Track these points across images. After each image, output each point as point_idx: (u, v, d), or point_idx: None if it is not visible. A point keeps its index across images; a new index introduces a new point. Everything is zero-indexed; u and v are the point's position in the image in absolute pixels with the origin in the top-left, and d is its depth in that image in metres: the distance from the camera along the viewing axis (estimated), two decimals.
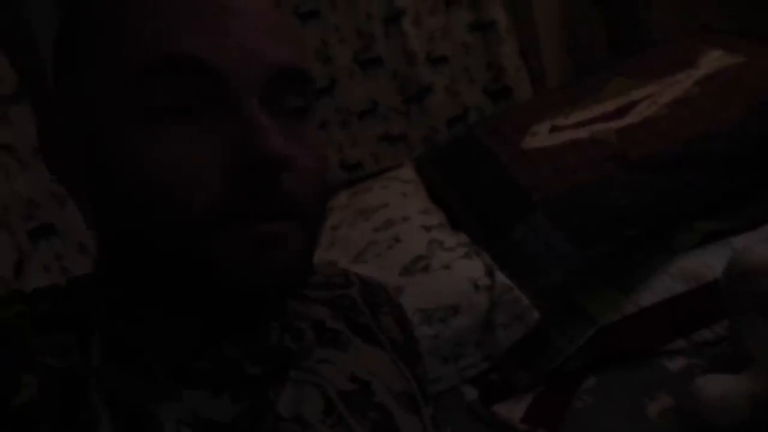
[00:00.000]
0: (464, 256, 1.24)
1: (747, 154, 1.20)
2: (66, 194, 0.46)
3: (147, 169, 0.37)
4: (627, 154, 1.24)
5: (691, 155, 1.21)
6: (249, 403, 0.42)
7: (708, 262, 1.14)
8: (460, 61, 1.85)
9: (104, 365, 0.40)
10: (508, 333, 1.16)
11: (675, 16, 1.74)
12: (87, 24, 0.40)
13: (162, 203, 0.37)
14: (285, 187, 0.39)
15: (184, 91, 0.38)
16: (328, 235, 1.40)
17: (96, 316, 0.42)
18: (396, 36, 1.79)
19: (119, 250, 0.42)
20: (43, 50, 1.29)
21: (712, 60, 1.39)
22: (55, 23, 0.44)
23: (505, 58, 1.84)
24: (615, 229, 1.17)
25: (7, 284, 1.34)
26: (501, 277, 1.19)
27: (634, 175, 1.21)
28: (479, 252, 1.26)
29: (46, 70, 0.46)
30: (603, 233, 1.17)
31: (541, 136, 1.40)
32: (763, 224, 1.17)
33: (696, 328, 1.10)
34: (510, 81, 1.86)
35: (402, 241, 1.30)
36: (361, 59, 1.79)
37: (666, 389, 1.01)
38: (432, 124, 1.84)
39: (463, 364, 1.18)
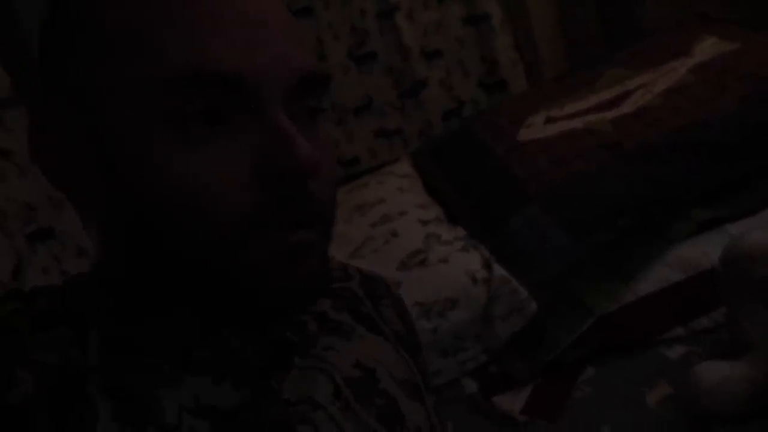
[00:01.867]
0: (461, 249, 1.24)
1: (742, 142, 1.20)
2: (64, 198, 0.45)
3: (176, 179, 0.37)
4: (622, 143, 1.24)
5: (686, 143, 1.20)
6: (251, 390, 0.43)
7: (705, 250, 1.14)
8: (455, 54, 1.85)
9: (103, 359, 0.40)
10: (507, 325, 1.16)
11: (670, 7, 1.74)
12: (95, 27, 0.39)
13: (193, 214, 0.37)
14: (311, 192, 0.39)
15: (213, 101, 0.37)
16: None
17: (94, 314, 0.42)
18: (390, 31, 1.78)
19: (129, 254, 0.41)
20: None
21: (707, 47, 1.39)
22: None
23: (499, 51, 1.84)
24: (611, 219, 1.17)
25: (6, 288, 1.35)
26: (499, 270, 1.19)
27: (630, 165, 1.21)
28: (476, 245, 1.26)
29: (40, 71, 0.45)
30: (599, 223, 1.17)
31: (536, 128, 1.40)
32: (759, 211, 1.17)
33: (694, 315, 1.10)
34: (505, 74, 1.86)
35: (399, 235, 1.30)
36: (355, 55, 1.78)
37: (665, 377, 1.02)
38: (427, 118, 1.84)
39: (463, 357, 1.18)
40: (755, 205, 1.18)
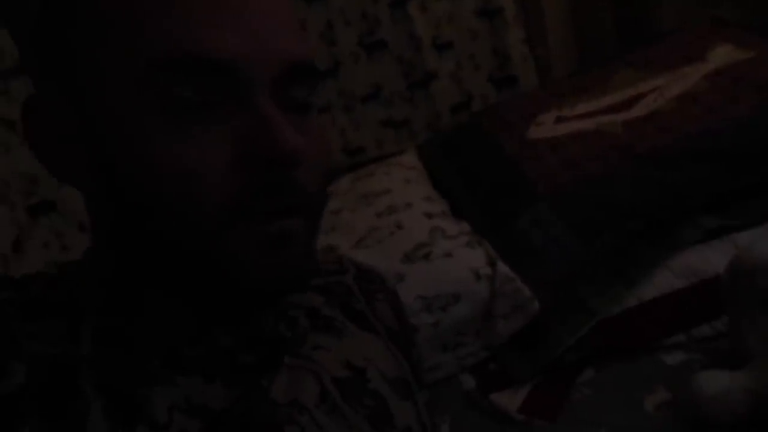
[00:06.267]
0: (466, 245, 1.23)
1: (753, 151, 1.19)
2: None
3: (160, 161, 0.37)
4: (633, 147, 1.23)
5: (697, 150, 1.20)
6: (242, 389, 0.42)
7: (709, 258, 1.14)
8: (466, 47, 1.84)
9: (95, 352, 0.39)
10: (508, 323, 1.16)
11: (685, 7, 1.73)
12: (87, 10, 0.38)
13: (175, 197, 0.37)
14: (296, 181, 0.39)
15: (200, 88, 0.37)
16: (330, 219, 1.39)
17: (87, 303, 0.42)
18: (402, 20, 1.77)
19: (120, 240, 0.41)
20: None
21: (722, 54, 1.38)
22: None
23: (511, 46, 1.82)
24: (619, 223, 1.17)
25: (6, 261, 1.34)
26: (503, 267, 1.18)
27: (640, 169, 1.20)
28: (481, 241, 1.25)
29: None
30: (607, 226, 1.17)
31: (546, 126, 1.39)
32: (767, 221, 1.17)
33: (696, 323, 1.10)
34: (515, 69, 1.84)
35: (404, 227, 1.30)
36: (365, 43, 1.77)
37: (664, 383, 1.02)
38: (435, 110, 1.83)
39: (463, 352, 1.18)
40: (763, 215, 1.17)
